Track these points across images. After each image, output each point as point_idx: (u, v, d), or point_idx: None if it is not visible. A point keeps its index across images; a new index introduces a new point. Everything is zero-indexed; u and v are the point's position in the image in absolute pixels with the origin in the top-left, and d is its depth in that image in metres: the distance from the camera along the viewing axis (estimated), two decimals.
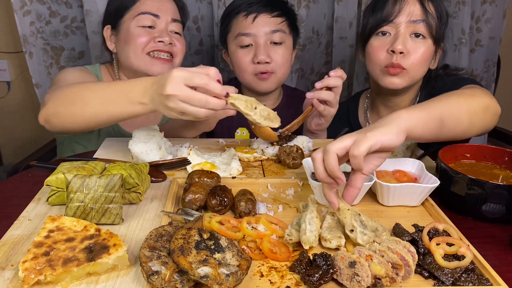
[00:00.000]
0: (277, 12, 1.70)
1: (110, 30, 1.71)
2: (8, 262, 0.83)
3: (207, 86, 1.05)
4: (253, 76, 1.73)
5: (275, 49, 1.71)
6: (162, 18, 1.64)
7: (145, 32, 1.61)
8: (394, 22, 1.51)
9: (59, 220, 0.88)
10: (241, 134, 1.82)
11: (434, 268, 0.82)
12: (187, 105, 1.05)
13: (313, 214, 0.94)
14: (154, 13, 1.62)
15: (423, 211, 1.08)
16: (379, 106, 1.74)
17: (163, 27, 1.64)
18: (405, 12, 1.50)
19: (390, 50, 1.51)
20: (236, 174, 1.24)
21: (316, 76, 2.52)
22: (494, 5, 2.36)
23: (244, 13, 1.69)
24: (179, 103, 1.05)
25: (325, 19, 2.37)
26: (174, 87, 1.04)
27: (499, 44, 2.45)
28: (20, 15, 2.09)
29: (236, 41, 1.71)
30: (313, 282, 0.78)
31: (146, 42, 1.61)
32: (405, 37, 1.50)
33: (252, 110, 1.12)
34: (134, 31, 1.61)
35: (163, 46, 1.62)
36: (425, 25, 1.49)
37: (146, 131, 1.33)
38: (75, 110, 1.25)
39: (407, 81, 1.55)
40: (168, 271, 0.75)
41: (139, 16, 1.61)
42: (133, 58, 1.63)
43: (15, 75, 2.65)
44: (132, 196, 1.05)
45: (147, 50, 1.62)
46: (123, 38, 1.65)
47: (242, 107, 1.10)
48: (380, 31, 1.54)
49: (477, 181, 1.02)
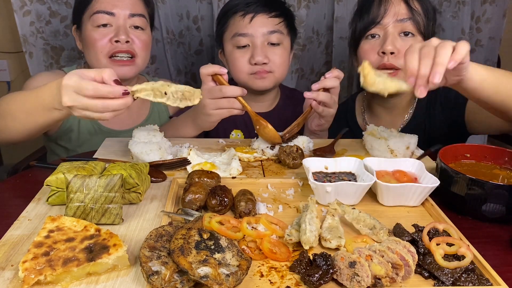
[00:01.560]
0: (275, 13, 1.67)
1: (75, 29, 1.67)
2: (8, 262, 0.83)
3: (97, 93, 1.02)
4: (249, 75, 1.70)
5: (272, 49, 1.68)
6: (119, 15, 1.57)
7: (101, 34, 1.57)
8: (382, 24, 1.53)
9: (59, 220, 0.88)
10: (235, 136, 1.81)
11: (434, 268, 0.82)
12: (89, 112, 1.05)
13: (313, 214, 0.94)
14: (108, 11, 1.56)
15: (423, 211, 1.08)
16: (376, 108, 1.75)
17: (120, 23, 1.58)
18: (390, 12, 1.52)
19: (381, 51, 1.52)
20: (236, 174, 1.24)
21: (316, 76, 2.52)
22: (494, 5, 2.36)
23: (242, 13, 1.66)
24: (80, 111, 1.05)
25: (325, 19, 2.37)
26: (69, 99, 1.03)
27: (499, 44, 2.45)
28: (20, 15, 2.09)
29: (233, 41, 1.68)
30: (313, 282, 0.78)
31: (104, 45, 1.57)
32: (394, 37, 1.51)
33: (163, 96, 1.07)
34: (91, 34, 1.57)
35: (121, 46, 1.57)
36: (412, 23, 1.51)
37: (146, 131, 1.33)
38: (8, 124, 1.26)
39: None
40: (168, 271, 0.75)
41: (94, 16, 1.56)
42: (95, 63, 1.61)
43: (15, 75, 2.65)
44: (132, 196, 1.05)
45: (108, 54, 1.58)
46: (85, 40, 1.62)
47: (151, 97, 1.06)
48: (369, 34, 1.56)
49: (477, 181, 1.02)
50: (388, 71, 1.52)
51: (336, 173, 1.16)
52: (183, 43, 2.38)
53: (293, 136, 1.43)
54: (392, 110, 1.72)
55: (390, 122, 1.73)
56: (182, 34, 2.35)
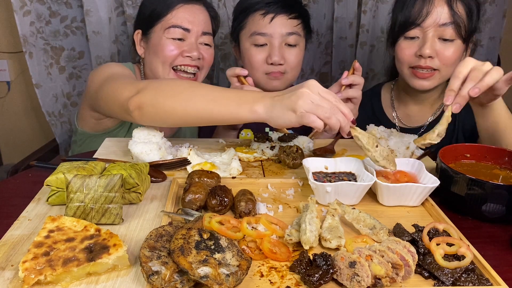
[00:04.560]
0: (294, 14, 1.69)
1: (141, 35, 1.72)
2: (8, 262, 0.83)
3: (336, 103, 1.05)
4: (263, 75, 1.73)
5: (289, 50, 1.71)
6: (193, 31, 1.64)
7: (175, 45, 1.63)
8: (422, 26, 1.52)
9: (59, 220, 0.88)
10: (245, 135, 1.83)
11: (434, 268, 0.82)
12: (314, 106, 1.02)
13: (313, 214, 0.94)
14: (185, 27, 1.63)
15: (423, 211, 1.08)
16: (406, 100, 1.75)
17: (193, 41, 1.65)
18: (432, 15, 1.50)
19: (418, 54, 1.52)
20: (236, 174, 1.24)
21: (316, 76, 2.52)
22: (494, 5, 2.36)
23: (262, 11, 1.68)
24: (308, 102, 1.02)
25: (325, 19, 2.37)
26: (309, 88, 1.03)
27: (499, 44, 2.45)
28: (20, 15, 2.09)
29: (251, 39, 1.71)
30: (313, 282, 0.78)
31: (175, 56, 1.63)
32: (433, 40, 1.51)
33: (374, 147, 1.09)
34: (165, 44, 1.62)
35: (190, 61, 1.64)
36: (453, 27, 1.50)
37: (146, 131, 1.33)
38: (176, 104, 1.19)
39: (438, 81, 1.58)
40: (168, 271, 0.75)
41: (170, 29, 1.62)
42: (160, 70, 1.65)
43: (15, 75, 2.64)
44: (132, 196, 1.05)
45: (175, 64, 1.64)
46: (153, 48, 1.66)
47: (365, 142, 1.09)
48: (408, 35, 1.55)
49: (477, 181, 1.02)
50: (424, 71, 1.55)
51: (336, 173, 1.16)
52: None
53: (294, 136, 1.43)
54: (423, 102, 1.73)
55: (420, 115, 1.74)
56: None
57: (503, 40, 2.46)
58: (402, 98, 1.77)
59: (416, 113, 1.74)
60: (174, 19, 1.63)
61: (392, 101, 1.80)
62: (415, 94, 1.70)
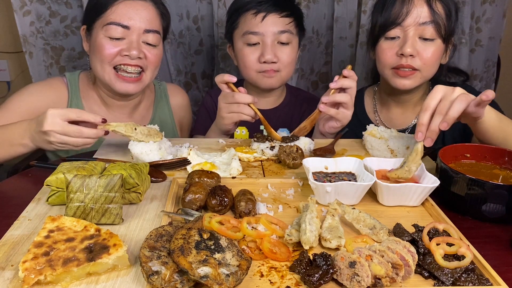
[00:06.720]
0: (286, 13, 1.70)
1: (85, 30, 1.63)
2: (8, 262, 0.83)
3: (81, 117, 1.21)
4: (257, 73, 1.74)
5: (282, 49, 1.72)
6: (133, 29, 1.53)
7: (112, 44, 1.52)
8: (402, 25, 1.52)
9: (59, 220, 0.88)
10: (240, 133, 1.83)
11: (434, 268, 0.82)
12: (64, 136, 1.21)
13: (313, 214, 0.94)
14: (124, 24, 1.51)
15: (423, 211, 1.08)
16: (389, 103, 1.75)
17: (133, 39, 1.53)
18: (412, 14, 1.50)
19: (400, 53, 1.52)
20: (236, 174, 1.24)
21: (316, 76, 2.52)
22: (494, 5, 2.36)
23: (254, 11, 1.68)
24: (57, 135, 1.20)
25: (325, 19, 2.37)
26: (51, 123, 1.20)
27: (499, 44, 2.45)
28: (20, 15, 2.09)
29: (243, 39, 1.72)
30: (313, 282, 0.78)
31: (113, 55, 1.53)
32: (414, 39, 1.51)
33: (133, 131, 1.26)
34: (101, 42, 1.52)
35: (130, 60, 1.53)
36: (433, 26, 1.50)
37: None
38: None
39: (419, 81, 1.58)
40: (168, 271, 0.75)
41: (108, 26, 1.51)
42: (99, 70, 1.57)
43: (15, 75, 2.65)
44: (132, 196, 1.05)
45: (114, 64, 1.54)
46: (92, 45, 1.58)
47: (123, 131, 1.24)
48: (388, 36, 1.55)
49: (477, 181, 1.02)
50: (405, 70, 1.54)
51: (336, 173, 1.16)
52: (183, 43, 2.38)
53: (297, 137, 1.43)
54: (404, 104, 1.73)
55: (402, 117, 1.74)
56: (182, 34, 2.35)
57: (503, 40, 2.46)
58: (384, 101, 1.77)
59: (399, 116, 1.74)
60: (113, 15, 1.51)
61: (374, 105, 1.81)
62: (397, 96, 1.69)
